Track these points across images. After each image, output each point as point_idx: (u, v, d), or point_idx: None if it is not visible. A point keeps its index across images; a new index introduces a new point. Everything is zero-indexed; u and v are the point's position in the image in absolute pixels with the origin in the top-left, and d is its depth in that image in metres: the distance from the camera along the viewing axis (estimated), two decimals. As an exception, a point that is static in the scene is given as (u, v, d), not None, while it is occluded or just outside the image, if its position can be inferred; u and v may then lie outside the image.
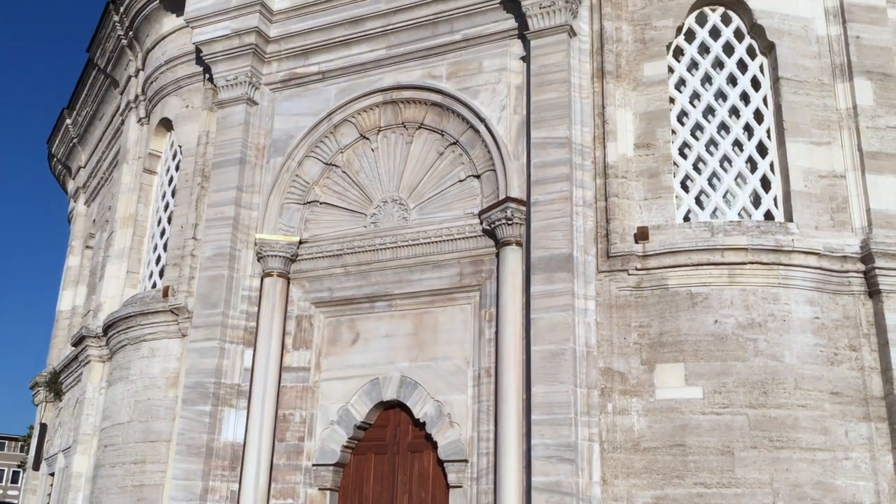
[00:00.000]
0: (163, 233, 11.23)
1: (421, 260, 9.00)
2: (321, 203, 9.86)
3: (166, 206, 11.33)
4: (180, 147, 11.14)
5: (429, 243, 8.97)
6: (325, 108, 9.91)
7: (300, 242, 9.67)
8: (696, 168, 8.55)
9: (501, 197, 8.53)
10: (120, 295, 11.44)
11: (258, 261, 9.68)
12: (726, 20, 8.90)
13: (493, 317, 8.39)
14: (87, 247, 15.28)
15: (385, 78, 9.71)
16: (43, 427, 14.94)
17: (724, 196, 8.42)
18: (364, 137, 9.82)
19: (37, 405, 15.56)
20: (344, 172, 9.85)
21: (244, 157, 9.94)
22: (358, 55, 9.88)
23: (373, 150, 9.75)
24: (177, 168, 11.28)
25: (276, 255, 9.56)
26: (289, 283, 9.62)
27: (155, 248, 11.29)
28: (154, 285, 11.00)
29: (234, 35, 10.21)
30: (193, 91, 11.16)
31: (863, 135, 8.29)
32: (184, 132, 11.09)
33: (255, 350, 9.33)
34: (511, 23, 9.06)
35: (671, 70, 8.81)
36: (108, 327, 11.02)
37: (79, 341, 12.16)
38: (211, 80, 10.55)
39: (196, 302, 9.60)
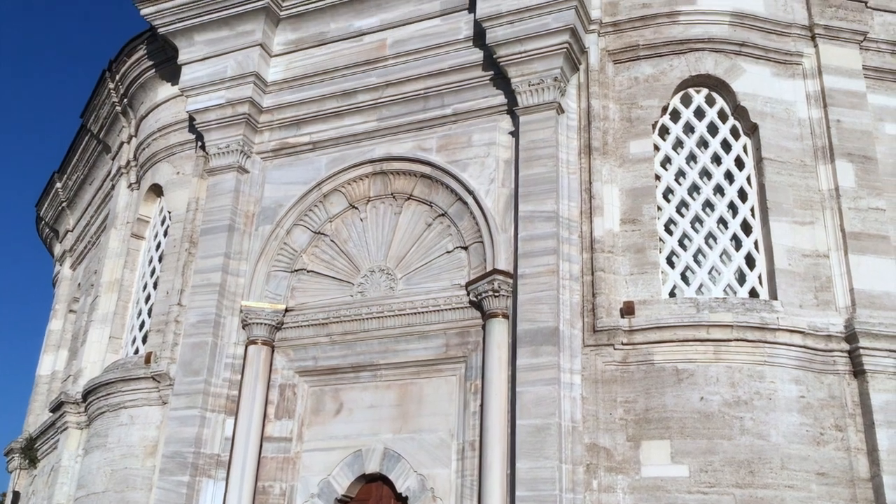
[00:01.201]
0: (148, 298, 11.16)
1: (407, 330, 8.96)
2: (308, 271, 9.86)
3: (153, 272, 11.29)
4: (169, 213, 11.17)
5: (415, 314, 8.95)
6: (316, 178, 10.00)
7: (286, 310, 9.63)
8: (681, 244, 8.63)
9: (489, 269, 8.57)
10: (101, 360, 11.30)
11: (243, 328, 9.61)
12: (710, 101, 9.11)
13: (478, 389, 8.32)
14: (71, 311, 15.15)
15: (376, 149, 9.84)
16: (16, 495, 14.55)
17: (710, 273, 8.48)
18: (353, 207, 9.89)
19: (10, 472, 15.17)
20: (332, 241, 9.88)
21: (233, 225, 9.98)
22: (349, 126, 10.03)
23: (361, 219, 9.81)
24: (165, 234, 11.29)
25: (261, 323, 9.50)
26: (273, 351, 9.54)
27: (139, 313, 11.20)
28: (136, 351, 10.88)
29: (227, 104, 10.36)
30: (185, 158, 11.26)
31: (845, 216, 8.42)
32: (174, 198, 11.14)
33: (236, 419, 9.19)
34: (501, 99, 9.25)
35: (657, 148, 8.97)
36: (87, 393, 10.85)
37: (57, 407, 11.94)
38: (203, 147, 10.66)
39: (178, 369, 9.50)
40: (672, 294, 8.40)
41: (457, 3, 9.76)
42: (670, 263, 8.57)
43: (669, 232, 8.68)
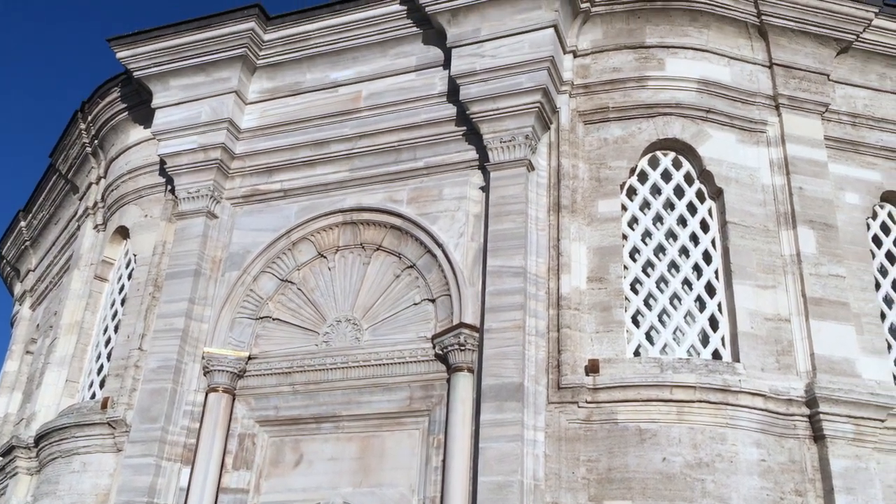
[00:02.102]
0: (108, 342, 10.96)
1: (371, 382, 8.88)
2: (274, 319, 9.77)
3: (114, 315, 11.11)
4: (135, 256, 11.05)
5: (380, 365, 8.89)
6: (285, 226, 9.98)
7: (249, 358, 9.51)
8: (646, 304, 8.71)
9: (455, 322, 8.55)
10: (56, 404, 11.02)
11: (204, 375, 9.46)
12: (677, 164, 9.29)
13: (441, 443, 8.24)
14: (28, 352, 14.80)
15: (347, 199, 9.86)
16: (-43, 542, 14.02)
17: (674, 333, 8.55)
18: (322, 256, 9.87)
19: (-47, 518, 14.64)
20: (299, 289, 9.82)
21: (199, 270, 9.89)
22: (321, 175, 10.06)
23: (330, 268, 9.79)
24: (129, 277, 11.15)
25: (223, 370, 9.36)
26: (234, 399, 9.38)
27: (98, 357, 10.99)
28: (93, 396, 10.64)
29: (200, 149, 10.35)
30: (154, 201, 11.18)
31: (806, 281, 8.56)
32: (140, 241, 11.03)
33: (192, 469, 8.97)
34: (472, 154, 9.36)
35: (624, 208, 9.10)
36: (40, 438, 10.55)
37: (7, 451, 11.60)
38: (173, 191, 10.61)
39: (135, 415, 9.29)
40: (637, 353, 8.44)
41: (432, 60, 9.94)
42: (635, 322, 8.63)
43: (635, 291, 8.76)
